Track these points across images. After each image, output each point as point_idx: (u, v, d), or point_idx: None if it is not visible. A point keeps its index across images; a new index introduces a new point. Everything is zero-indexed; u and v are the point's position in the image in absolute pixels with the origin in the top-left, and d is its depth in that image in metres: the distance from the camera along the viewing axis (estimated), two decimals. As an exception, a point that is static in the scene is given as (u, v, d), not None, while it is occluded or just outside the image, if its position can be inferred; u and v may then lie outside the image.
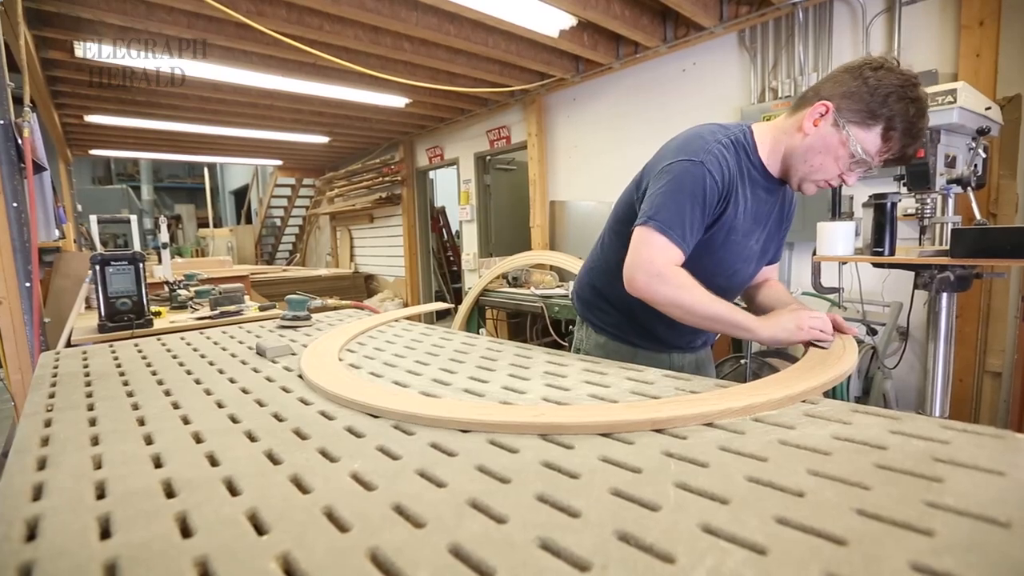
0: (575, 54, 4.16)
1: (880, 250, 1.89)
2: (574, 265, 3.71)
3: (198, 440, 0.71)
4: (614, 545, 0.43)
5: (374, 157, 7.83)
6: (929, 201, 1.92)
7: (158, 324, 2.16)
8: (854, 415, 0.70)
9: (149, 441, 0.71)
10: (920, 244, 2.09)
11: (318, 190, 9.69)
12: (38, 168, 2.28)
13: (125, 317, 2.02)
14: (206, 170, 13.08)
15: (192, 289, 2.81)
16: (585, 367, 1.03)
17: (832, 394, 0.85)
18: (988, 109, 1.90)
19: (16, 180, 2.00)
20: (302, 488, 0.56)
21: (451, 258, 7.88)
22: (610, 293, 1.31)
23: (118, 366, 1.18)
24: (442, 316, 6.16)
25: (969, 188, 1.82)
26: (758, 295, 1.37)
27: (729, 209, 1.13)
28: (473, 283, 4.50)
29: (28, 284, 2.02)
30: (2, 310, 1.99)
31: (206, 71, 3.99)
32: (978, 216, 1.77)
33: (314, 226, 10.60)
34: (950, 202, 1.96)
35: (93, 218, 3.69)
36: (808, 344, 1.05)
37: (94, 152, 7.43)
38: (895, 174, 1.95)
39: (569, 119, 4.92)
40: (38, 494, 0.56)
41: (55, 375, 1.12)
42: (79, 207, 6.71)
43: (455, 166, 6.38)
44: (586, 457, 0.61)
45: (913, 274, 1.91)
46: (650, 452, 0.62)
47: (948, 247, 1.69)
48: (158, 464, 0.63)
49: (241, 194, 13.98)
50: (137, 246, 3.71)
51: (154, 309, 2.31)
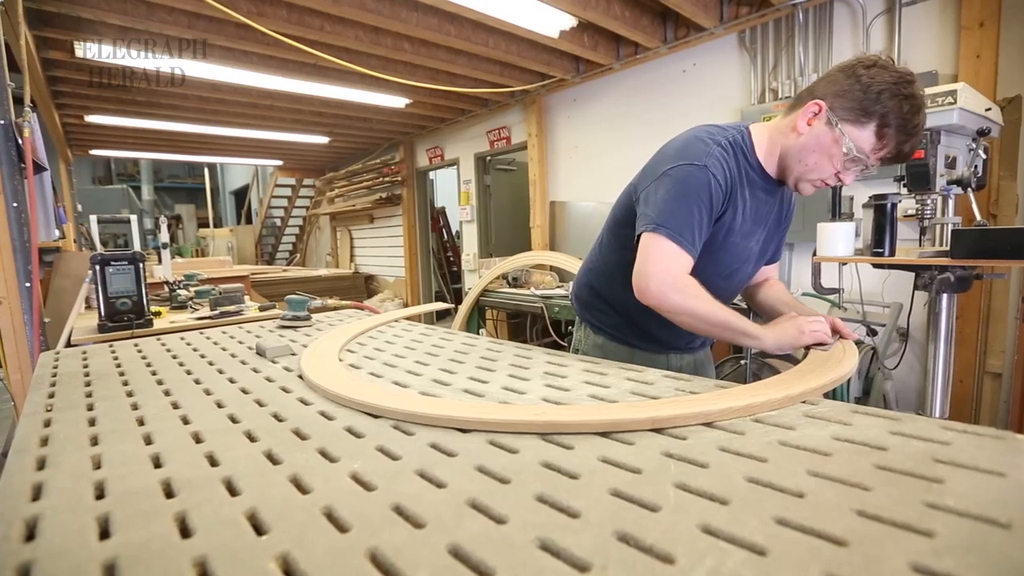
0: (575, 55, 4.16)
1: (880, 251, 1.89)
2: (574, 265, 3.71)
3: (198, 440, 0.71)
4: (614, 545, 0.43)
5: (374, 157, 7.83)
6: (929, 202, 1.93)
7: (158, 324, 2.16)
8: (854, 416, 0.70)
9: (149, 441, 0.71)
10: (920, 245, 2.09)
11: (318, 190, 9.69)
12: (38, 168, 2.29)
13: (125, 317, 2.02)
14: (206, 170, 13.08)
15: (192, 289, 2.81)
16: (585, 367, 1.03)
17: (832, 395, 0.85)
18: (988, 110, 1.90)
19: (16, 180, 2.00)
20: (302, 488, 0.56)
21: (451, 258, 7.88)
22: (608, 294, 1.31)
23: (118, 366, 1.18)
24: (442, 316, 6.16)
25: (969, 189, 1.82)
26: (758, 294, 1.37)
27: (729, 212, 1.13)
28: (473, 283, 4.50)
29: (28, 284, 2.02)
30: (2, 310, 1.99)
31: (206, 71, 3.99)
32: (978, 217, 1.77)
33: (314, 226, 10.60)
34: (950, 203, 1.97)
35: (93, 218, 3.69)
36: (809, 347, 1.06)
37: (94, 152, 7.43)
38: (895, 175, 1.95)
39: (569, 120, 4.92)
40: (37, 494, 0.56)
41: (55, 375, 1.12)
42: (79, 207, 6.71)
43: (455, 166, 6.38)
44: (586, 457, 0.61)
45: (913, 275, 1.91)
46: (650, 453, 0.62)
47: (948, 248, 1.69)
48: (157, 464, 0.63)
49: (241, 194, 13.98)
50: (137, 246, 3.71)
51: (154, 309, 2.31)
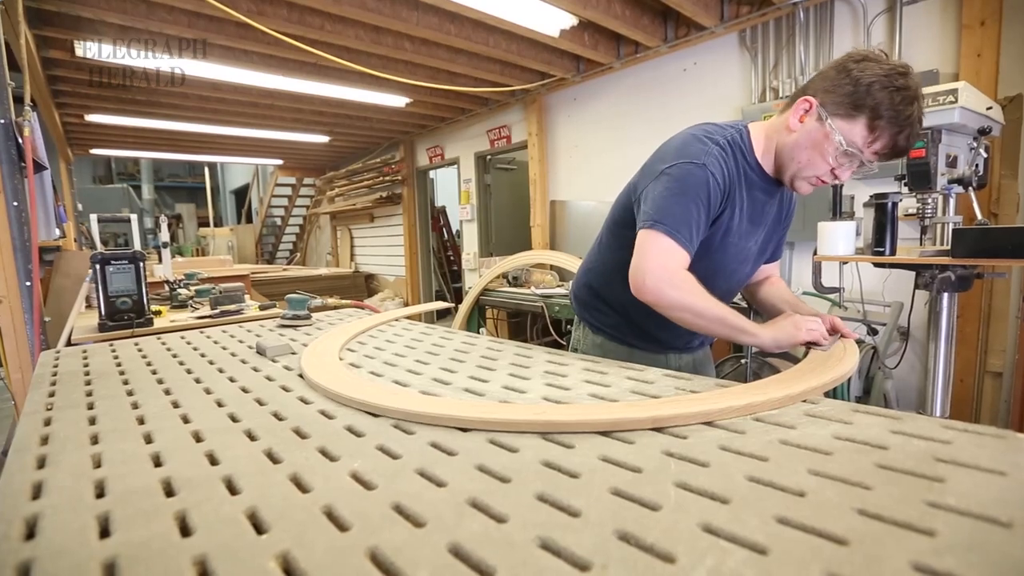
0: (576, 54, 4.16)
1: (881, 250, 1.89)
2: (574, 265, 3.71)
3: (198, 439, 0.71)
4: (614, 545, 0.43)
5: (374, 156, 7.83)
6: (930, 201, 1.92)
7: (158, 323, 2.15)
8: (855, 415, 0.70)
9: (149, 440, 0.71)
10: (921, 244, 2.09)
11: (318, 189, 9.69)
12: (38, 167, 2.28)
13: (125, 316, 2.02)
14: (207, 169, 13.07)
15: (192, 288, 2.81)
16: (585, 367, 1.03)
17: (833, 394, 0.85)
18: (989, 109, 1.90)
19: (16, 179, 2.00)
20: (302, 487, 0.56)
21: (451, 258, 7.87)
22: (607, 294, 1.31)
23: (118, 365, 1.18)
24: (442, 316, 6.16)
25: (970, 188, 1.82)
26: (759, 292, 1.37)
27: (727, 212, 1.13)
28: (473, 283, 4.50)
29: (28, 283, 2.02)
30: (2, 309, 1.99)
31: (206, 71, 3.99)
32: (979, 216, 1.77)
33: (314, 225, 10.60)
34: (951, 202, 1.96)
35: (93, 217, 3.68)
36: (808, 345, 1.06)
37: (94, 151, 7.43)
38: (896, 174, 1.95)
39: (570, 119, 4.92)
40: (37, 493, 0.56)
41: (55, 374, 1.12)
42: (79, 206, 6.71)
43: (455, 166, 6.38)
44: (586, 456, 0.61)
45: (914, 274, 1.91)
46: (650, 452, 0.62)
47: (949, 247, 1.69)
48: (158, 463, 0.63)
49: (242, 193, 13.98)
50: (137, 245, 3.70)
51: (154, 308, 2.31)
